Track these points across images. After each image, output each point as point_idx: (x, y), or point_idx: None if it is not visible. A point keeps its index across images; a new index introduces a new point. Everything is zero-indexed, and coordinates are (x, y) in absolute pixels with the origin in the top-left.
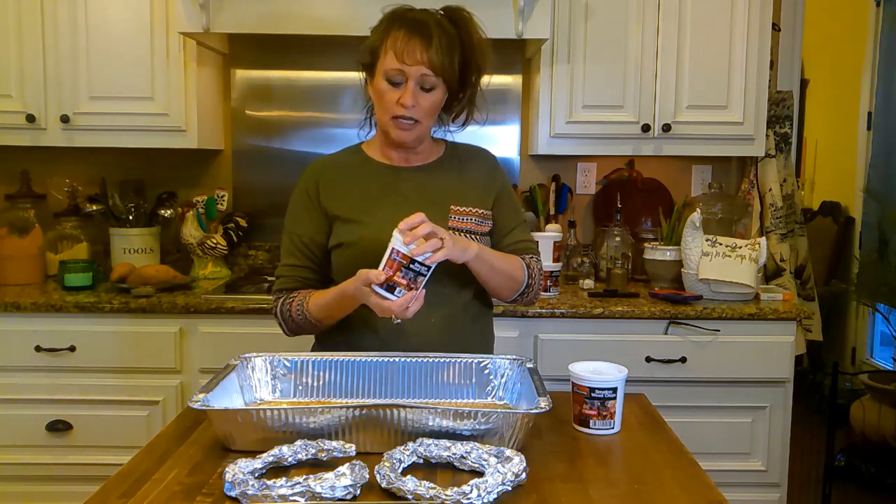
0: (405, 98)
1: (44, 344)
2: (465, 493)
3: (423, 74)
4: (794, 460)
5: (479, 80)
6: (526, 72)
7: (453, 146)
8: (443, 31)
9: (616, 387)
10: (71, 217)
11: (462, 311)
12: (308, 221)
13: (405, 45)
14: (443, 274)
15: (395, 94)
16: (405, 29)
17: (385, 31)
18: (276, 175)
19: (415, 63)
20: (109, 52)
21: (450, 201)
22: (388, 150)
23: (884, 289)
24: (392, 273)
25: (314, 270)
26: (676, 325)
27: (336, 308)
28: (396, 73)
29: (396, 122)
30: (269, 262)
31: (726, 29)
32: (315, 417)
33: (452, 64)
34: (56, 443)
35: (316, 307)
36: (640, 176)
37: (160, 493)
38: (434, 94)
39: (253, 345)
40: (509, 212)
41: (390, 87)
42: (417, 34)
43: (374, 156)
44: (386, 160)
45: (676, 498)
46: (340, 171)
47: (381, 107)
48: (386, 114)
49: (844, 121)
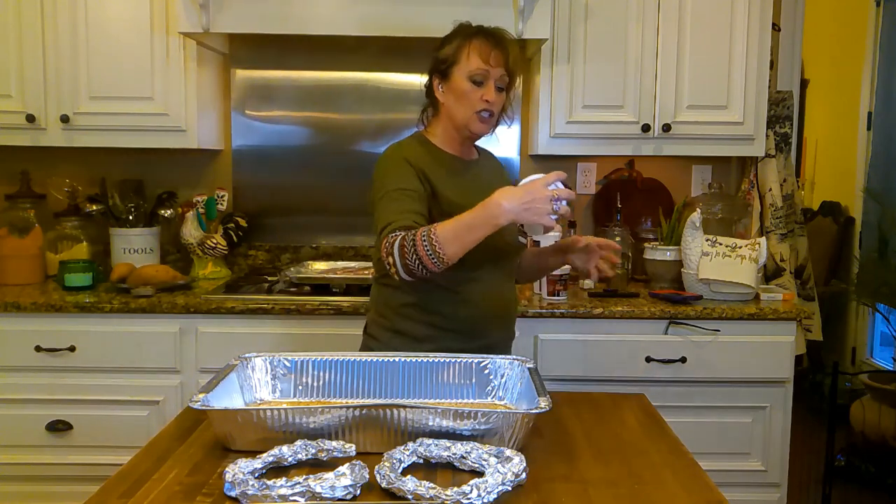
0: (490, 94)
1: (44, 344)
2: (465, 493)
3: (501, 75)
4: (794, 460)
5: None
6: (526, 72)
7: (479, 148)
8: (512, 43)
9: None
10: (71, 217)
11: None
12: (413, 178)
13: (491, 51)
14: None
15: (479, 92)
16: (487, 38)
17: (465, 39)
18: (276, 175)
19: (497, 65)
20: (109, 52)
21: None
22: (456, 144)
23: (884, 289)
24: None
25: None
26: (676, 325)
27: (472, 230)
28: (482, 73)
29: (479, 117)
30: (269, 263)
31: (726, 29)
32: (315, 417)
33: (517, 71)
34: (56, 443)
35: (444, 231)
36: (640, 176)
37: (160, 493)
38: (503, 95)
39: (253, 345)
40: None
41: (474, 86)
42: (499, 43)
43: (444, 147)
44: (454, 152)
45: (676, 498)
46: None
47: (464, 104)
48: (469, 109)
49: (844, 121)
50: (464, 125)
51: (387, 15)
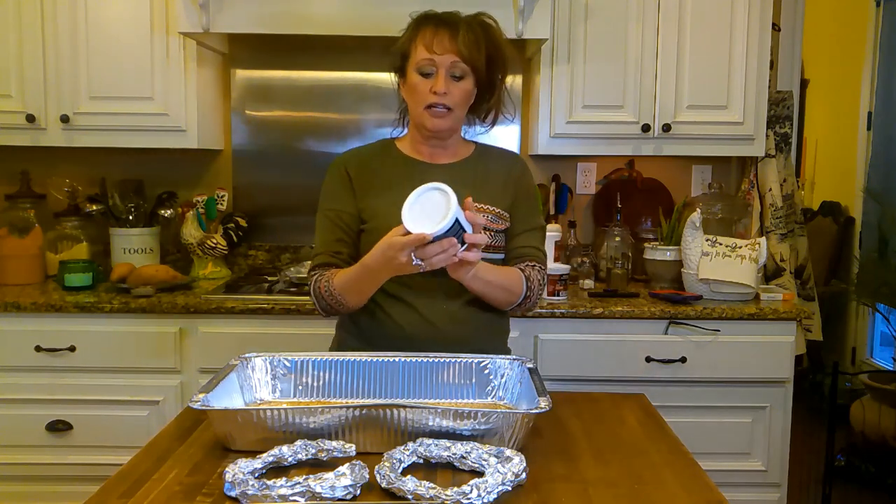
0: (438, 85)
1: (44, 344)
2: (465, 493)
3: (452, 62)
4: (794, 460)
5: (504, 80)
6: (526, 72)
7: (484, 148)
8: (469, 26)
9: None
10: (71, 217)
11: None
12: (345, 197)
13: (434, 36)
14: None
15: (427, 84)
16: (433, 23)
17: (414, 30)
18: (276, 175)
19: (444, 52)
20: (109, 52)
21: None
22: (420, 146)
23: (884, 289)
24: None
25: (349, 244)
26: (676, 325)
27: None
28: (427, 63)
29: (431, 111)
30: (269, 263)
31: (726, 29)
32: (315, 417)
33: (480, 55)
34: (56, 443)
35: (340, 283)
36: (640, 176)
37: (160, 493)
38: (464, 83)
39: (253, 345)
40: (525, 214)
41: (422, 78)
42: (445, 27)
43: (405, 150)
44: (415, 155)
45: (676, 498)
46: (369, 160)
47: (415, 99)
48: (419, 104)
49: (844, 121)
50: (419, 122)
51: (387, 15)
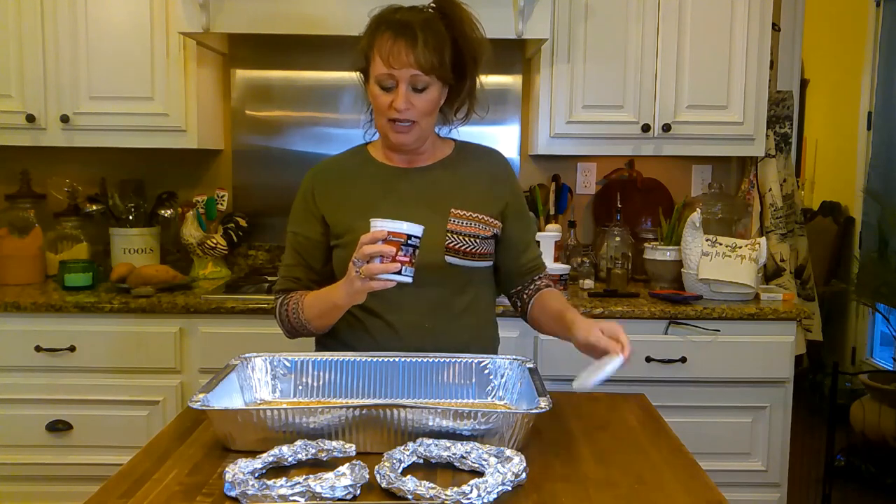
0: (397, 102)
1: (44, 344)
2: (465, 493)
3: (412, 76)
4: (794, 460)
5: (476, 71)
6: (526, 72)
7: (462, 146)
8: (429, 29)
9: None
10: (71, 217)
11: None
12: (304, 221)
13: (391, 49)
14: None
15: (387, 99)
16: (390, 31)
17: (372, 35)
18: (276, 175)
19: (402, 66)
20: (109, 52)
21: (450, 204)
22: (391, 152)
23: (884, 289)
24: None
25: (309, 269)
26: (676, 325)
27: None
28: (386, 77)
29: (393, 126)
30: (269, 262)
31: (726, 29)
32: (315, 417)
33: (443, 61)
34: (56, 443)
35: (309, 308)
36: (640, 176)
37: (160, 493)
38: (429, 94)
39: (253, 345)
40: (523, 227)
41: (382, 91)
42: (402, 36)
43: (377, 156)
44: (388, 161)
45: (676, 498)
46: (341, 173)
47: (377, 111)
48: (381, 118)
49: (844, 121)
50: (383, 134)
51: None
